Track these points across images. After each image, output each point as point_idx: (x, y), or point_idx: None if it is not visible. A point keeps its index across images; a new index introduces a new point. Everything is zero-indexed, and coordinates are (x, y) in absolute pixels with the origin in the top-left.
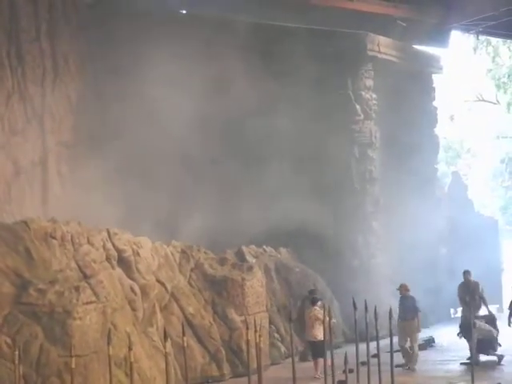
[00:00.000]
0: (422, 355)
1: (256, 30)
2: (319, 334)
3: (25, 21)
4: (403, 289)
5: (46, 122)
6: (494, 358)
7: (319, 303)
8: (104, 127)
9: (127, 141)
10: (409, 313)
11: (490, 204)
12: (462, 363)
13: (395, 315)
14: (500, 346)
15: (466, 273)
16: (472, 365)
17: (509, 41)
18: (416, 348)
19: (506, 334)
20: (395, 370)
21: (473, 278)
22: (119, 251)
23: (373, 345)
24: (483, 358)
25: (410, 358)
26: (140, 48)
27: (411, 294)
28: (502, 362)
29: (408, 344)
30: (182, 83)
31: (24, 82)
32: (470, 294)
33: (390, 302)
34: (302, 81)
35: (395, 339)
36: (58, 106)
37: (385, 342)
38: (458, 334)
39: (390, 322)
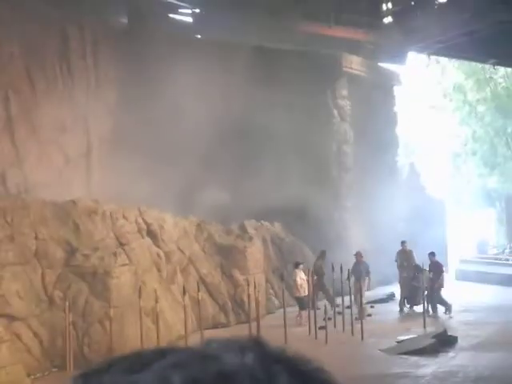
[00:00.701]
0: (384, 307)
1: (255, 53)
2: (302, 291)
3: (74, 42)
4: (358, 256)
5: (89, 122)
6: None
7: (301, 266)
8: (135, 126)
9: (154, 137)
10: (360, 275)
11: (437, 188)
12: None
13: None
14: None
15: (403, 242)
16: (424, 313)
17: (453, 59)
18: (362, 302)
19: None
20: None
21: (408, 247)
22: (148, 225)
23: (347, 298)
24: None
25: (359, 310)
26: (164, 63)
27: (364, 260)
28: (447, 312)
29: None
30: (196, 90)
31: (73, 90)
32: (406, 259)
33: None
34: (291, 91)
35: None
36: (100, 110)
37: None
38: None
39: (349, 281)
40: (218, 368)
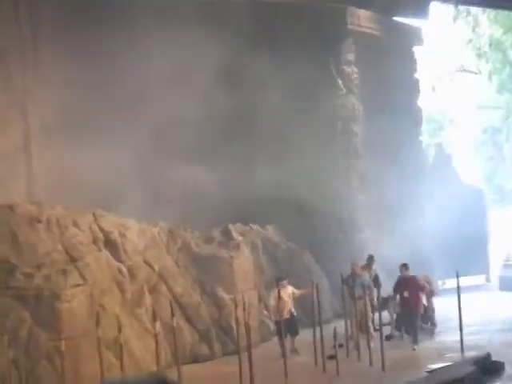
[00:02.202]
0: None
1: (244, 10)
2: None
3: (4, 5)
4: (354, 267)
5: (27, 107)
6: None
7: (284, 282)
8: (89, 110)
9: (114, 122)
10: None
11: (474, 175)
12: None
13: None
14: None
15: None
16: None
17: (488, 9)
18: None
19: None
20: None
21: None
22: (105, 233)
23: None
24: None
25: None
26: (129, 28)
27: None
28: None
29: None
30: (171, 61)
31: (4, 69)
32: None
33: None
34: (285, 58)
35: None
36: (40, 92)
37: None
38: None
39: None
40: None
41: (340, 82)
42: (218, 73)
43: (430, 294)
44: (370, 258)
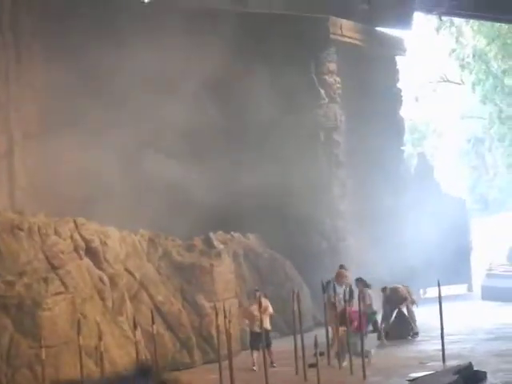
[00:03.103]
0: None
1: (225, 19)
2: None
3: None
4: (339, 275)
5: (10, 112)
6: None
7: (257, 294)
8: (72, 115)
9: (96, 128)
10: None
11: (457, 184)
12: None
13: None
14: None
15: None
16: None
17: (471, 20)
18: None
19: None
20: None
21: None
22: (87, 241)
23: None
24: None
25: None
26: (110, 39)
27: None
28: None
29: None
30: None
31: None
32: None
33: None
34: (267, 66)
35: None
36: (23, 96)
37: None
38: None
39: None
40: None
41: (322, 91)
42: (202, 81)
43: (411, 303)
44: (342, 268)
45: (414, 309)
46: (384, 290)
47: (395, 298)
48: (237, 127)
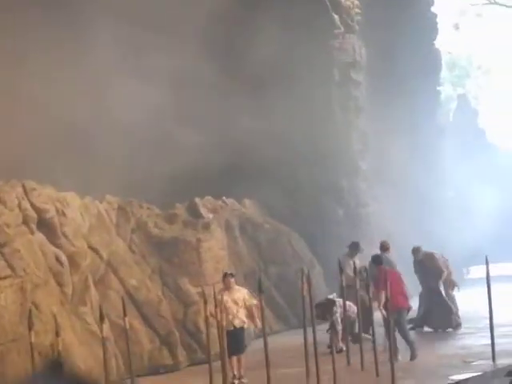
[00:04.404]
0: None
1: None
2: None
3: None
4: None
5: None
6: None
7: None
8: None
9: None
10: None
11: (507, 133)
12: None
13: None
14: None
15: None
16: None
17: None
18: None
19: None
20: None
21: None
22: (39, 211)
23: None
24: None
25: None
26: (79, 30)
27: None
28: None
29: None
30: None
31: None
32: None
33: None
34: None
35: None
36: None
37: None
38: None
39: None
40: None
41: (336, 17)
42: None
43: (451, 285)
44: (354, 246)
45: (456, 293)
46: (416, 251)
47: (429, 266)
48: (239, 65)
